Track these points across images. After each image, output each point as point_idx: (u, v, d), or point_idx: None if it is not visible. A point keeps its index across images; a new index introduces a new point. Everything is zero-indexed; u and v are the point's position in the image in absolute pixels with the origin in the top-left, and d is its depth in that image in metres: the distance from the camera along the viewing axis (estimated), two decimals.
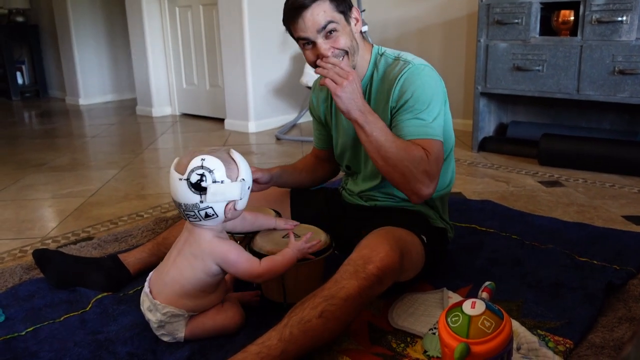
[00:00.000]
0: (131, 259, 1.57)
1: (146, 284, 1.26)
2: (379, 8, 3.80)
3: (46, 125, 4.52)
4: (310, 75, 3.52)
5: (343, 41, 1.32)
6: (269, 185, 1.55)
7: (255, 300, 1.40)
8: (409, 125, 1.32)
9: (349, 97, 1.24)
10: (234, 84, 3.89)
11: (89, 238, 1.94)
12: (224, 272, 1.23)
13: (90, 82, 5.60)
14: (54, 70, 6.08)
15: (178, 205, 1.15)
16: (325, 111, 1.61)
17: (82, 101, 5.55)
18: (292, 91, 4.03)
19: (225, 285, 1.39)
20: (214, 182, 1.11)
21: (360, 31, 1.42)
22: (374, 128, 1.27)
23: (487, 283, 1.13)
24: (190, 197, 1.12)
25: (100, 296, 1.45)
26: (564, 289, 1.43)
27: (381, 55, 1.44)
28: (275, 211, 1.57)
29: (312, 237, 1.34)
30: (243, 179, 1.15)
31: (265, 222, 1.41)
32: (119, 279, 1.53)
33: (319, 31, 1.30)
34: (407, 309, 1.34)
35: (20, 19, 5.99)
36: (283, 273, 1.27)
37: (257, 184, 1.49)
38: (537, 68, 2.70)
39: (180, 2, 4.34)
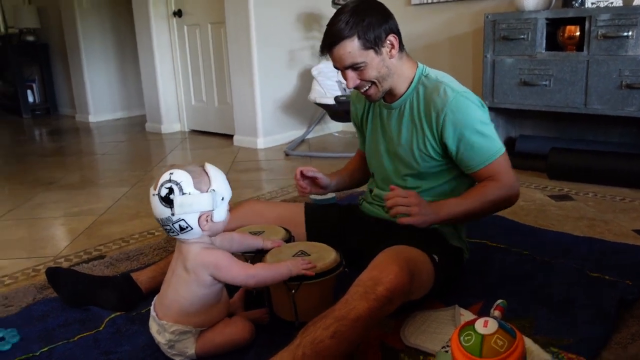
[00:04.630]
0: (143, 278, 1.59)
1: (152, 308, 1.28)
2: None
3: (56, 143, 4.56)
4: (318, 92, 3.55)
5: (369, 74, 1.42)
6: (328, 191, 1.71)
7: (265, 318, 1.41)
8: (474, 157, 1.42)
9: (425, 218, 1.35)
10: (242, 101, 3.92)
11: (101, 256, 1.96)
12: (219, 282, 1.25)
13: (100, 100, 5.65)
14: (64, 88, 6.15)
15: (158, 221, 1.20)
16: (362, 117, 1.66)
17: (92, 118, 5.60)
18: (301, 107, 4.06)
19: (230, 301, 1.41)
20: (182, 194, 1.14)
21: (402, 50, 1.47)
22: (457, 212, 1.42)
23: (499, 301, 1.13)
24: (162, 211, 1.17)
25: (113, 316, 1.46)
26: (576, 306, 1.42)
27: (425, 76, 1.49)
28: (285, 229, 1.58)
29: (313, 260, 1.35)
30: (214, 190, 1.18)
31: (252, 243, 1.44)
32: (132, 298, 1.54)
33: (344, 67, 1.41)
34: (419, 327, 1.34)
35: (30, 38, 6.08)
36: (294, 292, 1.29)
37: (318, 187, 1.66)
38: (544, 83, 2.71)
39: (189, 20, 4.40)
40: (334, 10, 1.47)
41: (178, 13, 4.42)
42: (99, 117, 5.65)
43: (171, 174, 1.16)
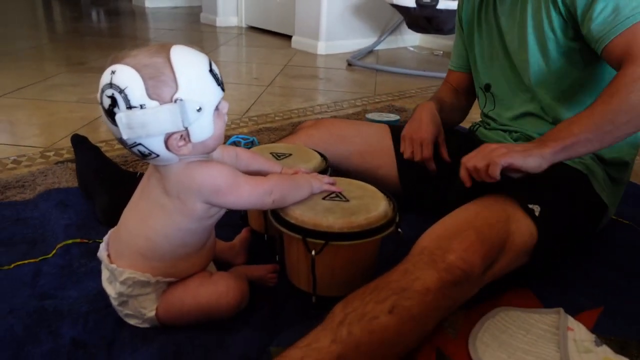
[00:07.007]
0: None
1: (102, 245, 0.85)
2: None
3: (104, 24, 4.20)
4: None
5: None
6: None
7: (271, 278, 0.98)
8: (608, 19, 0.90)
9: (522, 154, 0.85)
10: None
11: None
12: (212, 215, 0.82)
13: None
14: None
15: None
16: (473, 14, 1.21)
17: (149, 3, 5.22)
18: (374, 11, 3.43)
19: (228, 245, 1.04)
20: (129, 107, 0.68)
21: None
22: (574, 132, 0.86)
23: None
24: (114, 130, 0.71)
25: (70, 241, 1.06)
26: None
27: None
28: (322, 156, 1.11)
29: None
30: (181, 100, 0.70)
31: (266, 167, 0.96)
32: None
33: None
34: (499, 335, 0.87)
35: None
36: (314, 255, 0.84)
37: None
38: None
39: None
40: None
41: None
42: (156, 3, 5.25)
43: (113, 73, 0.68)
